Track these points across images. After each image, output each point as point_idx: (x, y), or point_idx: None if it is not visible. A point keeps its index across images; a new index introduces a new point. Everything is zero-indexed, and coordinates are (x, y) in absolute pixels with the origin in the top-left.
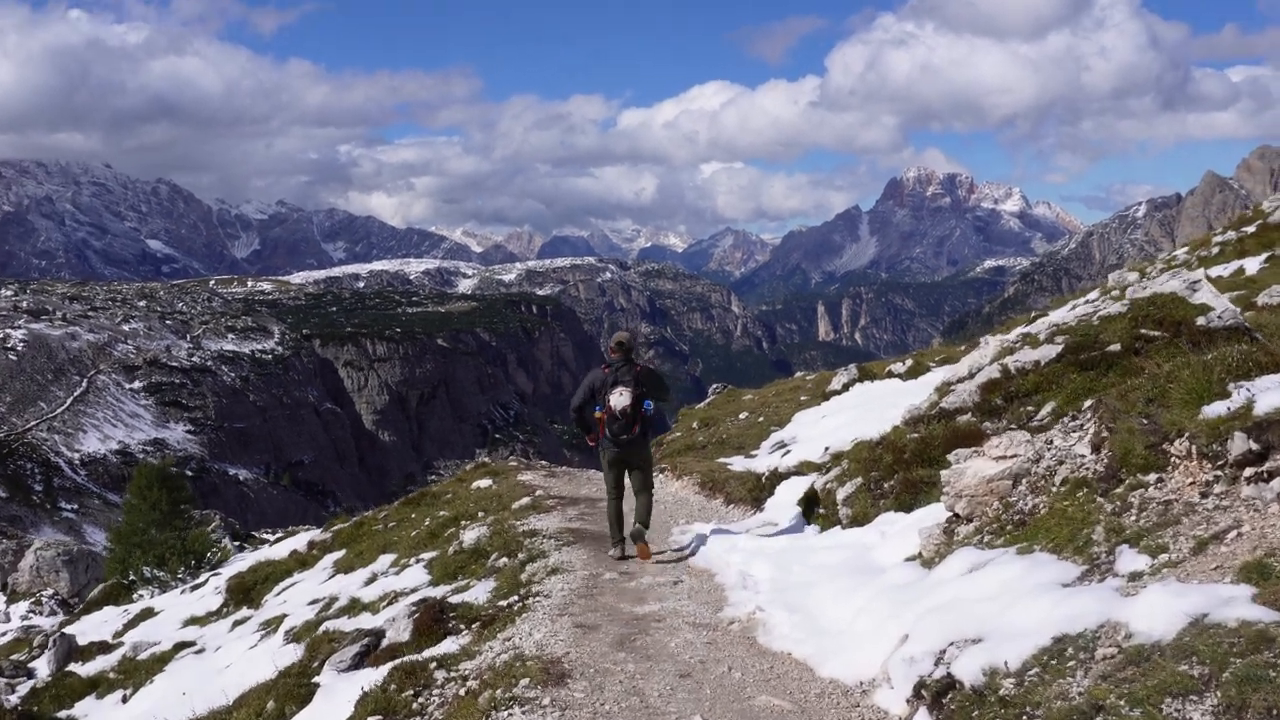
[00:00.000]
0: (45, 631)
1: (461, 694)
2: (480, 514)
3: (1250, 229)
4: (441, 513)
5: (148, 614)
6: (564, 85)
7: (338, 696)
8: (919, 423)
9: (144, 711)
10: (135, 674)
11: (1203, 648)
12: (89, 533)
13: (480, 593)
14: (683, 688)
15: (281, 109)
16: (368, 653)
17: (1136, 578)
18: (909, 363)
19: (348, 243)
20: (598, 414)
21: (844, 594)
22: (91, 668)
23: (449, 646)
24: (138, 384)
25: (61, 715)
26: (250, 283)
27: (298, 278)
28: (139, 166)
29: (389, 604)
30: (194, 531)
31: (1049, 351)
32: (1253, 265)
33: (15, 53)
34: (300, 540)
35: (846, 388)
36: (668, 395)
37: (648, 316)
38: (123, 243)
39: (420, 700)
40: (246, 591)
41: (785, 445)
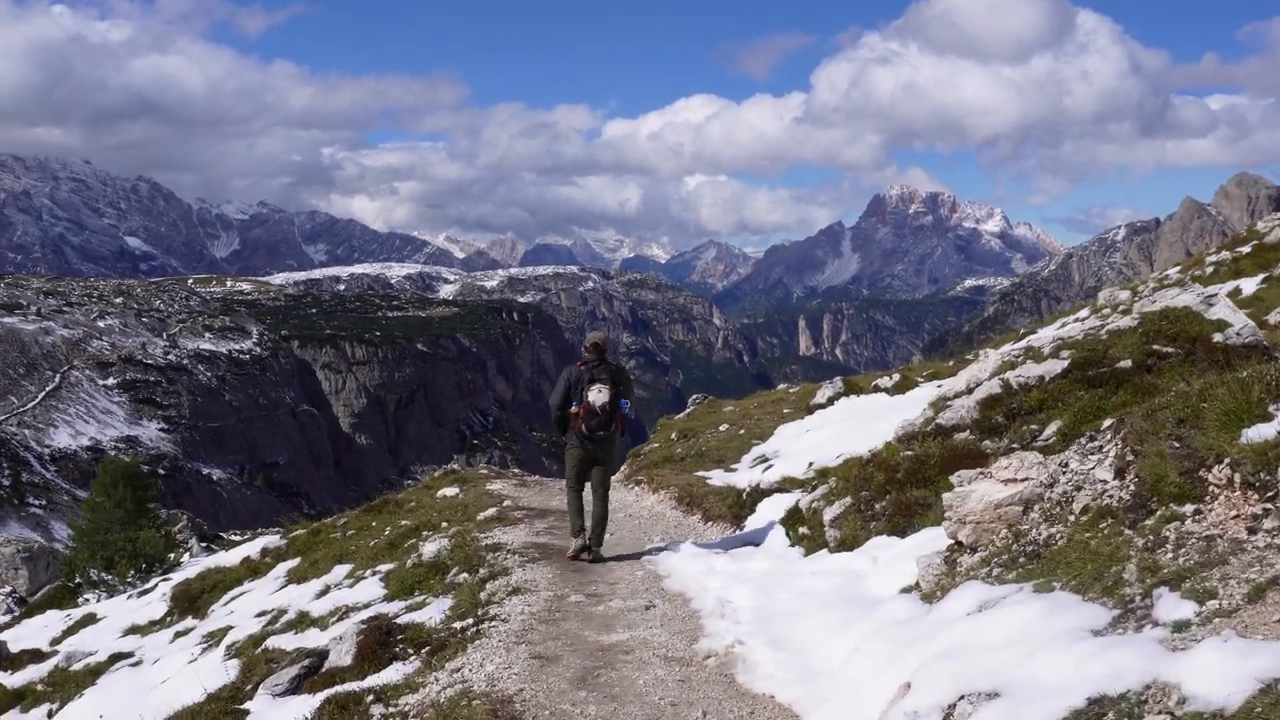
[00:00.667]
0: None
1: None
2: (444, 525)
3: (1245, 249)
4: (403, 522)
5: (89, 620)
6: (550, 94)
7: None
8: (913, 440)
9: None
10: (65, 687)
11: None
12: (56, 529)
13: (435, 612)
14: None
15: (265, 110)
16: (307, 675)
17: (1183, 628)
18: (896, 377)
19: (329, 245)
20: (573, 409)
21: (835, 629)
22: (20, 678)
23: (392, 675)
24: (111, 380)
25: None
26: (229, 282)
27: (278, 279)
28: (119, 163)
29: (339, 619)
30: (144, 533)
31: (1054, 367)
32: (1250, 285)
33: None
34: (254, 547)
35: (831, 401)
36: (633, 394)
37: (629, 326)
38: (100, 239)
39: None
40: (193, 600)
41: (767, 459)
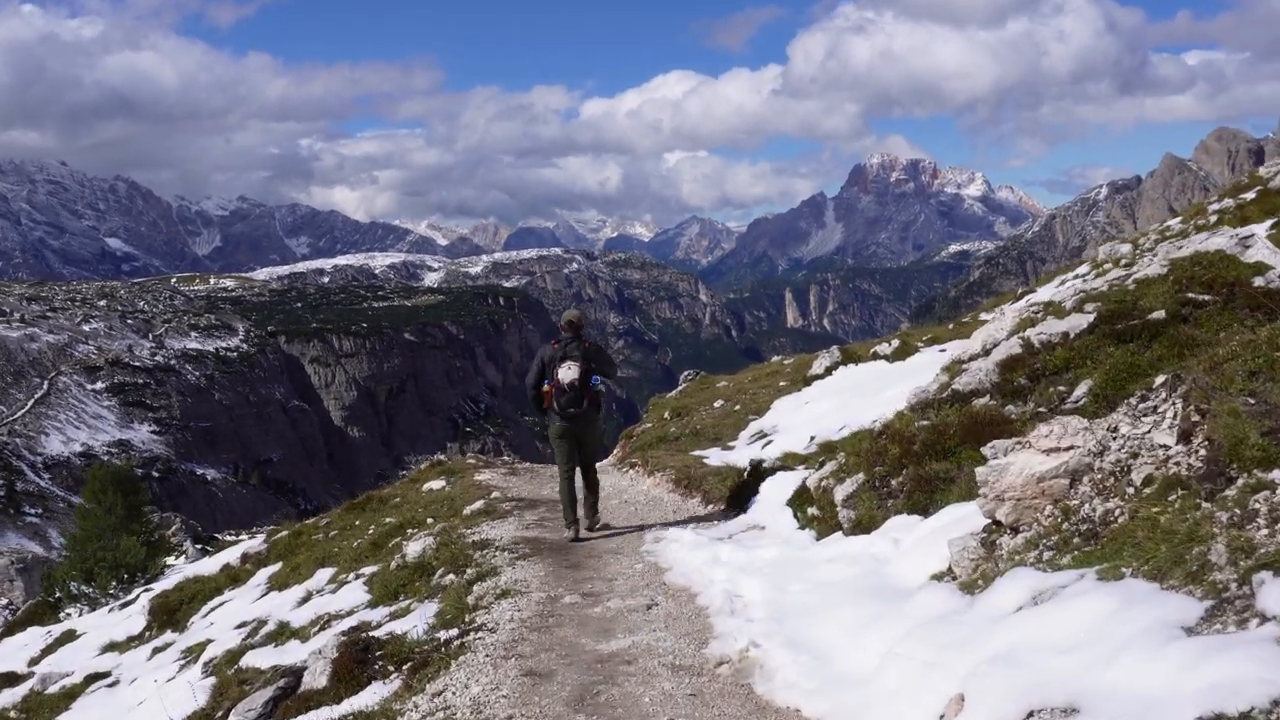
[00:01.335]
0: None
1: None
2: (429, 520)
3: (1250, 195)
4: (387, 519)
5: (69, 637)
6: (526, 76)
7: None
8: (927, 408)
9: None
10: (39, 713)
11: None
12: (54, 537)
13: (419, 620)
14: None
15: (240, 103)
16: (282, 698)
17: None
18: (895, 344)
19: (311, 238)
20: (546, 388)
21: (862, 626)
22: None
23: (369, 699)
24: (100, 385)
25: None
26: (213, 280)
27: (261, 274)
28: (96, 163)
29: (320, 629)
30: (125, 541)
31: (1079, 322)
32: (1261, 231)
33: None
34: (235, 552)
35: (829, 371)
36: (614, 372)
37: (616, 306)
38: (81, 241)
39: None
40: (171, 613)
41: (765, 435)
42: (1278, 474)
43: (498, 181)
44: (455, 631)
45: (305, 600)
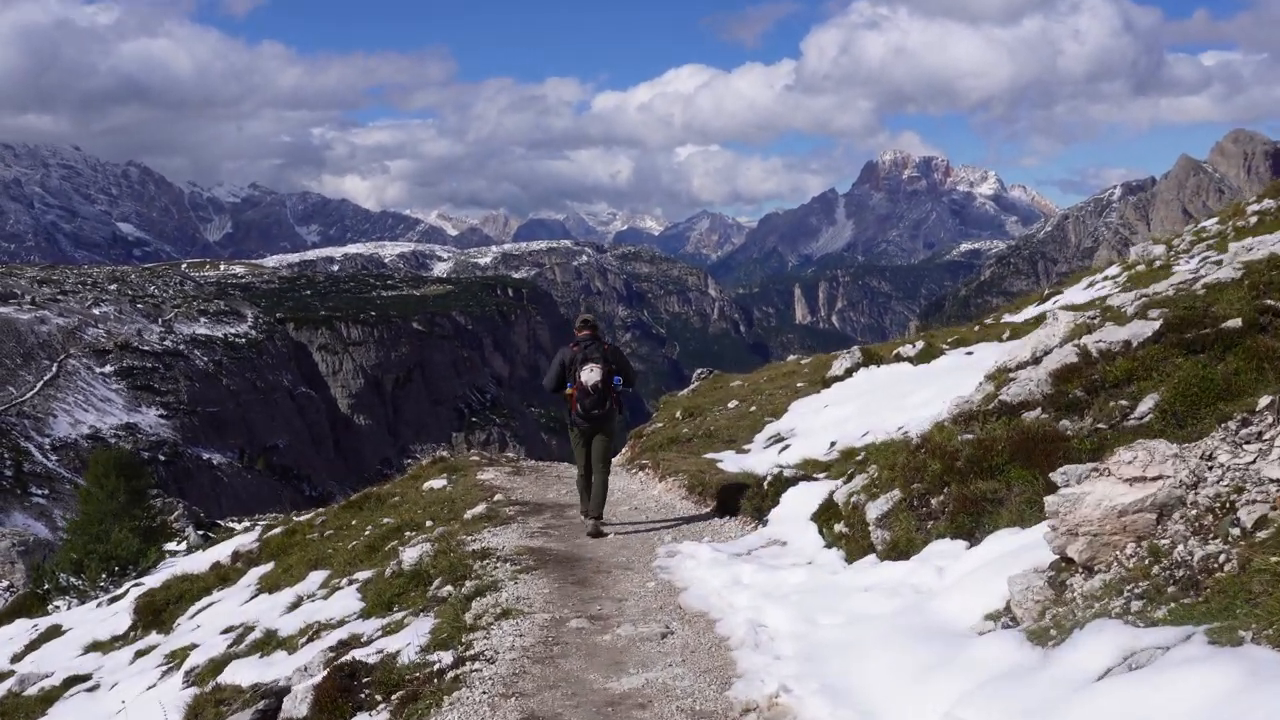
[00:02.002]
0: None
1: None
2: (428, 523)
3: None
4: (385, 520)
5: (54, 633)
6: (539, 68)
7: None
8: (971, 420)
9: None
10: (13, 716)
11: None
12: (60, 518)
13: (412, 637)
14: None
15: (254, 91)
16: None
17: None
18: (919, 345)
19: (321, 226)
20: (568, 390)
21: (911, 676)
22: None
23: None
24: (109, 368)
25: None
26: (223, 266)
27: (271, 261)
28: (109, 149)
29: (309, 640)
30: (116, 534)
31: (1142, 329)
32: None
33: None
34: (225, 550)
35: (849, 373)
36: (633, 378)
37: (624, 299)
38: (93, 226)
39: None
40: (157, 613)
41: (783, 439)
42: None
43: (509, 173)
44: (450, 657)
45: (295, 606)
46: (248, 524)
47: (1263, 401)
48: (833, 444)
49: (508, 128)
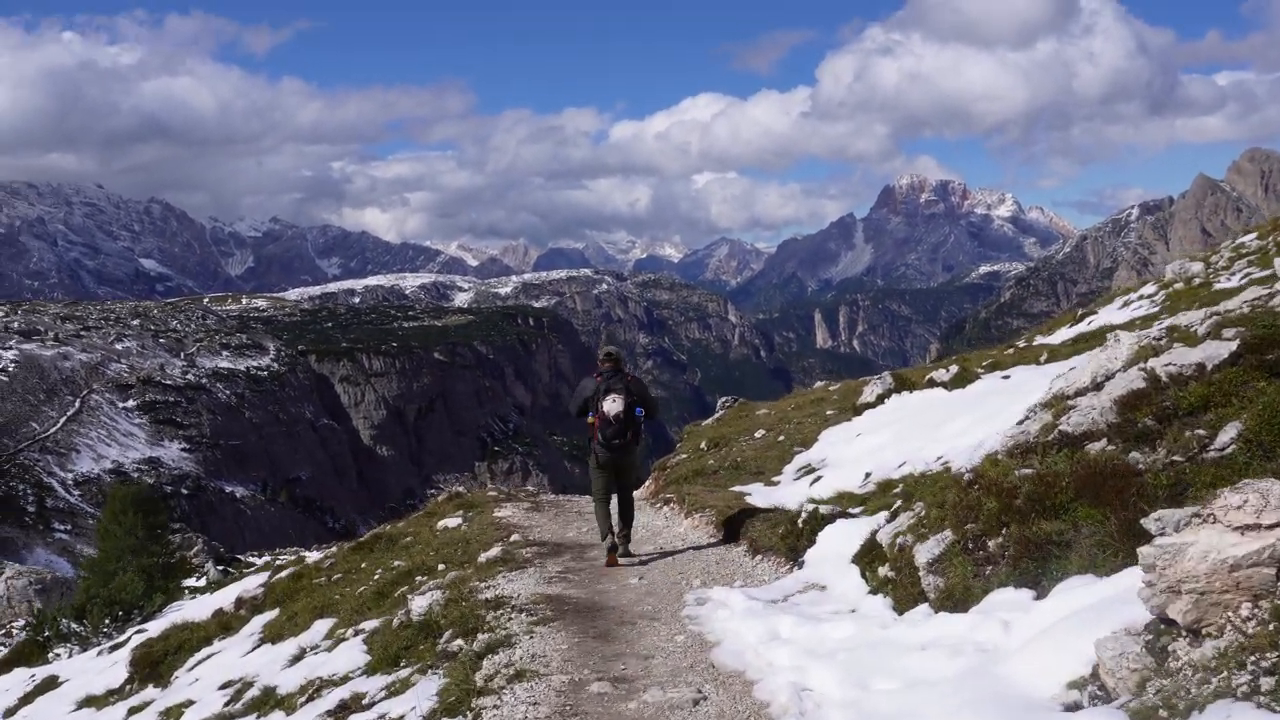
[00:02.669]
0: None
1: None
2: (440, 566)
3: None
4: (396, 562)
5: (50, 685)
6: (557, 98)
7: None
8: (1029, 453)
9: None
10: None
11: None
12: (82, 554)
13: (417, 700)
14: None
15: (274, 127)
16: None
17: None
18: (953, 370)
19: (342, 259)
20: (590, 420)
21: None
22: None
23: None
24: (131, 403)
25: None
26: (245, 300)
27: (293, 294)
28: (131, 186)
29: (309, 699)
30: (121, 578)
31: (1218, 350)
32: None
33: (8, 75)
34: (229, 595)
35: (881, 400)
36: (656, 409)
37: (645, 327)
38: (116, 262)
39: None
40: (155, 665)
41: (814, 470)
42: None
43: (528, 203)
44: None
45: (298, 658)
46: (267, 558)
47: None
48: (867, 475)
49: (526, 158)
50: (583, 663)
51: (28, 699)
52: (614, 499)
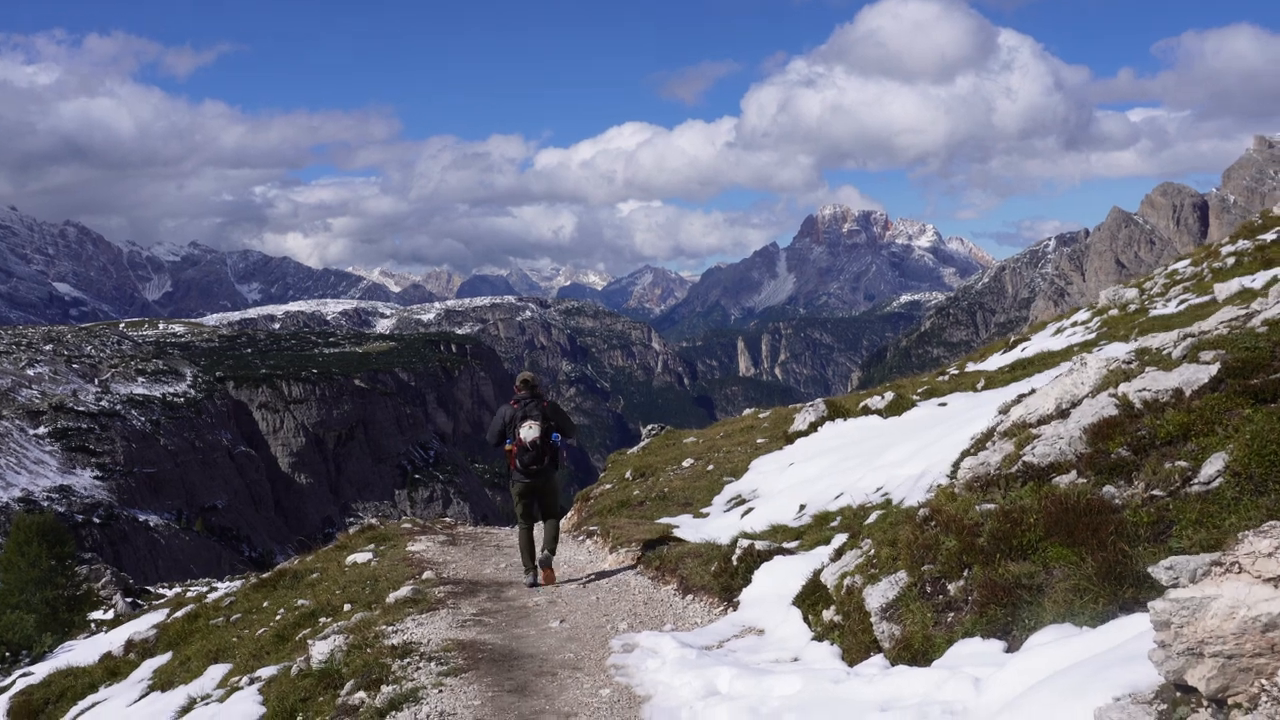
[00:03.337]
0: None
1: None
2: (346, 606)
3: (1269, 235)
4: (300, 601)
5: None
6: (483, 125)
7: None
8: (990, 486)
9: None
10: None
11: None
12: None
13: None
14: None
15: (195, 150)
16: None
17: None
18: (889, 396)
19: (263, 284)
20: (508, 447)
21: None
22: None
23: None
24: (43, 429)
25: None
26: (162, 325)
27: (211, 319)
28: (46, 208)
29: None
30: (7, 616)
31: (1196, 374)
32: None
33: None
34: (119, 637)
35: (814, 427)
36: (573, 430)
37: (568, 354)
38: (29, 286)
39: None
40: (34, 715)
41: (745, 501)
42: None
43: (452, 229)
44: None
45: (187, 709)
46: (178, 589)
47: None
48: (802, 507)
49: (451, 185)
50: None
51: None
52: (538, 526)
